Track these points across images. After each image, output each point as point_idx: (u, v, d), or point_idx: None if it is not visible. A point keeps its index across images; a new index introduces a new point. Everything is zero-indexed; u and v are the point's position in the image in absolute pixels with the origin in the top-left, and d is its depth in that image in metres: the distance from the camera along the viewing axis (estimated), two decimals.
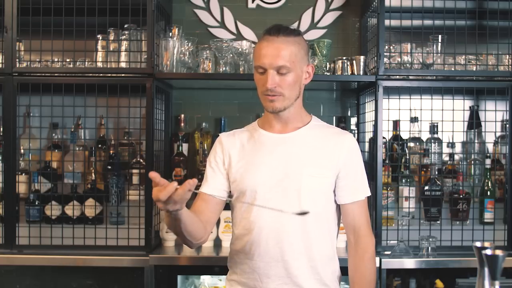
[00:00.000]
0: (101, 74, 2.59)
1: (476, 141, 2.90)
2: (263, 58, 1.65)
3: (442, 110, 2.58)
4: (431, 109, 2.59)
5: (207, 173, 1.82)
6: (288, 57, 1.65)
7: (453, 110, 2.59)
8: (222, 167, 1.78)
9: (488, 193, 2.72)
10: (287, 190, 1.68)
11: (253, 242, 1.70)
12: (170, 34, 2.66)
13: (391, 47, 2.66)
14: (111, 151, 2.85)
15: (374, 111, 2.58)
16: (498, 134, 2.82)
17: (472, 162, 2.91)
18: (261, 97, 1.72)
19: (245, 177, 1.72)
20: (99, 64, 2.63)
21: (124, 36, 2.63)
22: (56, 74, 2.58)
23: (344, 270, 1.82)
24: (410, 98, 2.59)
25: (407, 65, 2.62)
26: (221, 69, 2.67)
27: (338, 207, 1.78)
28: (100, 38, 2.64)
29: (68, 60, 2.66)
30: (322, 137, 1.76)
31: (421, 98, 2.59)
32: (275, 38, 1.66)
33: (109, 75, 2.57)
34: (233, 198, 1.77)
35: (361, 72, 2.65)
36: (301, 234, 1.68)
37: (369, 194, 1.81)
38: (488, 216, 2.67)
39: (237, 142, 1.80)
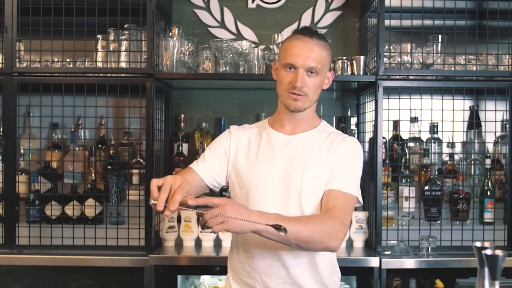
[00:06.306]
0: (101, 74, 2.58)
1: (476, 141, 2.90)
2: (296, 57, 1.67)
3: (442, 110, 2.58)
4: (431, 109, 2.59)
5: (206, 154, 1.81)
6: (319, 60, 1.68)
7: (453, 110, 2.60)
8: (224, 156, 1.78)
9: (488, 193, 2.72)
10: (289, 191, 1.68)
11: (253, 240, 1.69)
12: (170, 34, 2.66)
13: (391, 47, 2.66)
14: (111, 151, 2.85)
15: (374, 111, 2.58)
16: (498, 134, 2.82)
17: (472, 162, 2.91)
18: (283, 94, 1.71)
19: (250, 174, 1.72)
20: (99, 64, 2.63)
21: (124, 36, 2.63)
22: (56, 74, 2.58)
23: (343, 270, 1.82)
24: (410, 98, 2.59)
25: (407, 65, 2.62)
26: (221, 69, 2.67)
27: None
28: (100, 38, 2.64)
29: (68, 60, 2.66)
30: (325, 140, 1.76)
31: (421, 98, 2.59)
32: (310, 39, 1.68)
33: (109, 75, 2.56)
34: (236, 191, 1.77)
35: (361, 72, 2.65)
36: None
37: (353, 193, 1.68)
38: (488, 216, 2.67)
39: (246, 137, 1.81)
